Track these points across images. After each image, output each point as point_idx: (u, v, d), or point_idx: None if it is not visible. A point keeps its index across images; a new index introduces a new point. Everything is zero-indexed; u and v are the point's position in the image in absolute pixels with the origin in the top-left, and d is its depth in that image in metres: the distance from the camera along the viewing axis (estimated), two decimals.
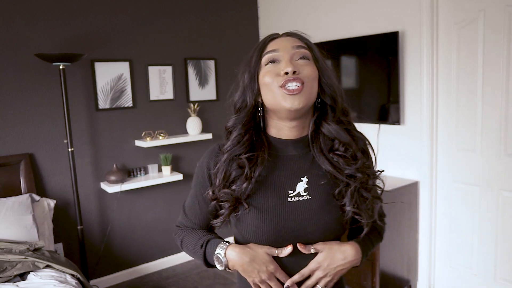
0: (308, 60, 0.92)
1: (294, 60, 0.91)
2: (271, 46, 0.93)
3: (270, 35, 0.96)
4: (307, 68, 0.91)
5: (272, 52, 0.91)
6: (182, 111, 3.46)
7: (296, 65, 0.90)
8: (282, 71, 0.89)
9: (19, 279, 2.08)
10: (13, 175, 2.71)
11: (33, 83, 2.79)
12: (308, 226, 0.92)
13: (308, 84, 0.90)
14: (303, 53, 0.92)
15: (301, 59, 0.92)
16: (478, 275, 2.61)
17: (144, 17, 3.22)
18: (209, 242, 1.01)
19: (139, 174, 3.26)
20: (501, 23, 2.32)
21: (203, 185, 1.02)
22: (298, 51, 0.92)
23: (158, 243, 3.43)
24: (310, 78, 0.90)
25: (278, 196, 0.93)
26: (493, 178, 2.48)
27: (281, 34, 0.97)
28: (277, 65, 0.91)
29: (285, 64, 0.89)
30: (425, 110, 2.69)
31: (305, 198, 0.94)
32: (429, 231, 2.79)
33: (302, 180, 0.95)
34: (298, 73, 0.89)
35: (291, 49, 0.91)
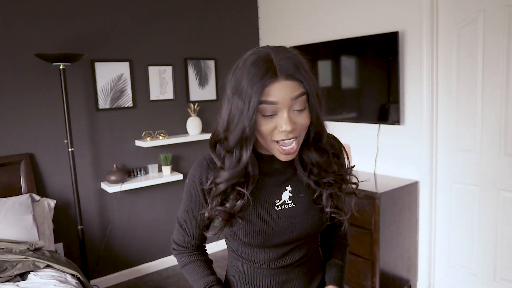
0: (305, 109, 0.91)
1: (292, 111, 0.89)
2: (271, 96, 0.87)
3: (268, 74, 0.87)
4: (303, 119, 0.91)
5: (271, 104, 0.88)
6: (182, 111, 3.46)
7: (294, 120, 0.89)
8: (280, 128, 0.89)
9: (20, 279, 2.09)
10: (13, 175, 2.71)
11: (33, 83, 2.79)
12: (294, 229, 1.02)
13: (301, 136, 0.93)
14: (301, 104, 0.90)
15: (298, 111, 0.90)
16: (478, 275, 2.61)
17: (144, 17, 3.22)
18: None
19: (139, 174, 3.26)
20: (501, 23, 2.32)
21: (197, 199, 1.05)
22: (297, 101, 0.89)
23: (158, 243, 3.43)
24: (303, 128, 0.92)
25: (266, 207, 1.01)
26: (493, 178, 2.48)
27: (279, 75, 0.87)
28: (274, 118, 0.89)
29: (284, 122, 0.88)
30: (425, 110, 2.69)
31: (290, 206, 1.03)
32: (429, 231, 2.80)
33: (286, 189, 1.03)
34: (295, 128, 0.90)
35: (290, 101, 0.88)
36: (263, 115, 0.89)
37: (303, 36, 3.44)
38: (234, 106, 0.90)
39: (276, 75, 0.87)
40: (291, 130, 0.88)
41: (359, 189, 1.13)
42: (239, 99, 0.89)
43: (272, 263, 1.06)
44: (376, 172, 3.03)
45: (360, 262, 2.66)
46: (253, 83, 0.87)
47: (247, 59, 0.91)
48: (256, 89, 0.86)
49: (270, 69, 0.87)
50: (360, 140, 3.10)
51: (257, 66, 0.88)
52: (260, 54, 0.90)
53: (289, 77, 0.87)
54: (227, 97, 0.92)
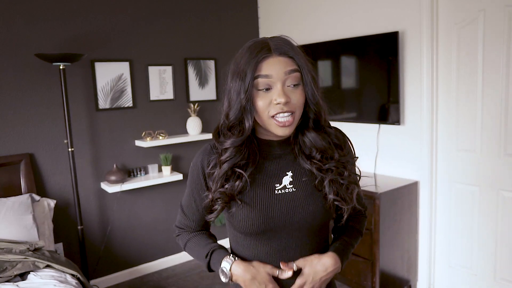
0: (298, 85, 0.96)
1: (286, 86, 0.94)
2: (264, 70, 0.93)
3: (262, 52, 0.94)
4: (297, 95, 0.95)
5: (265, 77, 0.93)
6: (182, 111, 3.46)
7: (288, 94, 0.94)
8: (275, 101, 0.94)
9: (19, 279, 2.09)
10: (13, 175, 2.71)
11: (33, 83, 2.79)
12: (294, 215, 1.02)
13: (297, 112, 0.96)
14: (294, 79, 0.95)
15: (292, 86, 0.95)
16: (478, 275, 2.61)
17: (144, 17, 3.22)
18: (213, 252, 1.09)
19: (139, 174, 3.26)
20: (501, 23, 2.32)
21: (198, 183, 1.08)
22: (290, 76, 0.94)
23: (158, 243, 3.43)
24: (299, 105, 0.96)
25: (266, 190, 1.02)
26: (493, 178, 2.48)
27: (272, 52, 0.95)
28: (269, 92, 0.95)
29: (277, 94, 0.93)
30: (425, 110, 2.69)
31: (290, 190, 1.03)
32: (429, 231, 2.80)
33: (287, 174, 1.04)
34: (289, 102, 0.94)
35: (283, 75, 0.93)
36: (258, 90, 0.94)
37: (303, 36, 3.44)
38: (233, 88, 0.96)
39: (270, 51, 0.94)
40: (285, 102, 0.93)
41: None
42: (237, 79, 0.95)
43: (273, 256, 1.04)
44: (376, 172, 3.03)
45: (360, 262, 2.66)
46: (249, 61, 0.94)
47: (245, 46, 0.99)
48: (251, 65, 0.93)
49: (265, 47, 0.95)
50: (360, 140, 3.10)
51: (253, 47, 0.96)
52: (257, 40, 0.99)
53: (282, 54, 0.94)
54: (227, 84, 0.99)
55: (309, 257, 1.04)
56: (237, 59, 0.98)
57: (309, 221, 1.02)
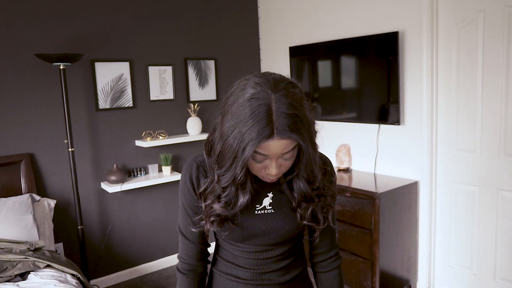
0: (293, 155, 0.96)
1: (279, 159, 0.94)
2: (262, 149, 0.90)
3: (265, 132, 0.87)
4: (289, 163, 0.97)
5: (262, 155, 0.92)
6: (182, 111, 3.46)
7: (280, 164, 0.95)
8: (267, 172, 0.96)
9: (20, 278, 2.09)
10: (13, 175, 2.71)
11: (33, 83, 2.79)
12: (271, 234, 1.08)
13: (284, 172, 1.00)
14: (289, 155, 0.95)
15: (286, 160, 0.96)
16: (478, 275, 2.61)
17: (144, 17, 3.22)
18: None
19: (139, 174, 3.26)
20: (501, 23, 2.33)
21: (190, 199, 1.09)
22: (285, 155, 0.94)
23: (158, 243, 3.43)
24: (288, 168, 0.99)
25: (247, 210, 1.06)
26: (492, 178, 2.48)
27: (275, 135, 0.88)
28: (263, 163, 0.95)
29: (271, 168, 0.94)
30: (425, 110, 2.69)
31: (269, 211, 1.08)
32: (428, 231, 2.80)
33: (268, 195, 1.08)
34: (280, 172, 0.97)
35: (280, 154, 0.93)
36: (253, 159, 0.94)
37: (303, 36, 3.44)
38: (228, 145, 0.91)
39: (272, 134, 0.87)
40: (276, 174, 0.96)
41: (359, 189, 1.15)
42: (234, 141, 0.89)
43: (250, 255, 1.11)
44: (376, 172, 3.03)
45: (360, 262, 2.67)
46: (249, 138, 0.87)
47: (247, 102, 0.88)
48: (251, 144, 0.87)
49: (268, 127, 0.86)
50: (360, 140, 3.10)
51: (255, 119, 0.86)
52: (260, 101, 0.87)
53: (284, 136, 0.88)
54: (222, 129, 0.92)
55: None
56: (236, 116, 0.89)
57: (284, 237, 1.09)
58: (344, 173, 3.09)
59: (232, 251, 1.13)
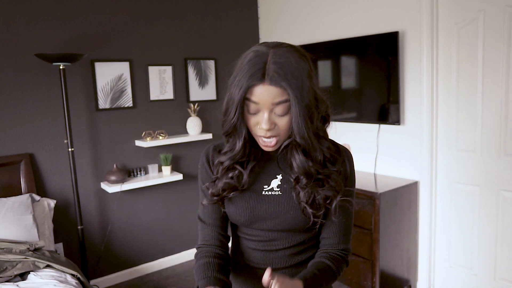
0: (286, 113, 0.96)
1: (273, 114, 0.96)
2: (254, 96, 0.94)
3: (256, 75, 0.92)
4: (284, 121, 0.97)
5: (253, 103, 0.95)
6: (182, 111, 3.46)
7: (274, 121, 0.96)
8: (259, 127, 0.97)
9: (19, 279, 2.09)
10: (13, 175, 2.71)
11: (33, 83, 2.79)
12: (276, 217, 1.06)
13: (282, 136, 0.99)
14: (282, 109, 0.95)
15: (279, 115, 0.96)
16: (478, 275, 2.61)
17: (144, 17, 3.22)
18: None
19: (139, 174, 3.26)
20: (501, 23, 2.33)
21: (206, 177, 1.13)
22: (277, 107, 0.95)
23: (158, 243, 3.43)
24: (284, 130, 0.98)
25: (254, 190, 1.08)
26: (493, 178, 2.48)
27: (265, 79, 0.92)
28: (257, 115, 0.97)
29: (263, 122, 0.96)
30: (425, 110, 2.69)
31: (276, 193, 1.07)
32: (429, 231, 2.80)
33: (277, 177, 1.08)
34: (273, 128, 0.97)
35: (271, 105, 0.94)
36: (248, 111, 0.97)
37: (303, 36, 3.44)
38: (229, 94, 0.98)
39: (263, 78, 0.92)
40: (268, 129, 0.96)
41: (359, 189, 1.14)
42: (233, 89, 0.96)
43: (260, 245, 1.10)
44: (376, 172, 3.03)
45: (360, 262, 2.66)
46: (243, 80, 0.94)
47: (248, 54, 0.97)
48: (243, 86, 0.94)
49: (260, 71, 0.92)
50: (360, 140, 3.10)
51: (250, 64, 0.94)
52: (259, 52, 0.95)
53: (273, 82, 0.92)
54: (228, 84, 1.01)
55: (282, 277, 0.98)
56: (237, 65, 0.97)
57: (290, 224, 1.06)
58: None
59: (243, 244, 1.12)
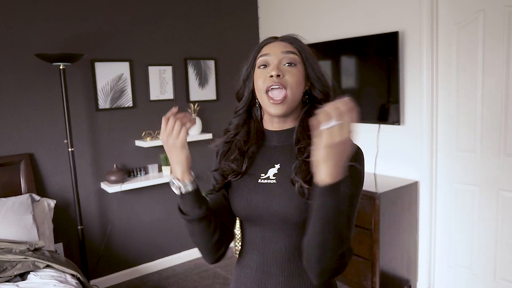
0: (295, 65, 1.04)
1: (282, 64, 1.03)
2: (264, 50, 1.06)
3: (267, 39, 1.09)
4: (292, 74, 1.03)
5: (264, 56, 1.05)
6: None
7: (282, 70, 1.02)
8: (268, 74, 1.02)
9: (19, 279, 2.09)
10: (13, 175, 2.71)
11: (33, 83, 2.79)
12: (270, 206, 1.04)
13: (291, 90, 1.02)
14: (290, 59, 1.04)
15: (288, 65, 1.03)
16: (478, 275, 2.61)
17: (144, 17, 3.22)
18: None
19: (139, 174, 3.26)
20: (501, 23, 2.33)
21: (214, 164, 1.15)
22: (286, 56, 1.04)
23: (158, 243, 3.43)
24: (293, 83, 1.02)
25: (251, 178, 1.08)
26: (492, 179, 2.48)
27: (277, 38, 1.09)
28: (267, 68, 1.04)
29: (271, 68, 1.02)
30: (425, 110, 2.69)
31: (272, 181, 1.06)
32: (429, 231, 2.80)
33: (275, 166, 1.08)
34: (282, 76, 1.01)
35: (280, 54, 1.04)
36: (258, 68, 1.05)
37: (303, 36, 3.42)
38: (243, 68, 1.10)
39: (275, 39, 1.08)
40: (277, 74, 1.00)
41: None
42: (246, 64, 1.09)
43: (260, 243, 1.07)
44: (376, 172, 3.03)
45: (360, 262, 2.66)
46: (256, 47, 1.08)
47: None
48: (257, 48, 1.07)
49: (272, 38, 1.09)
50: (360, 140, 3.09)
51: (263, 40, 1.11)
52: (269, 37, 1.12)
53: (283, 40, 1.07)
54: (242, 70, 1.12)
55: None
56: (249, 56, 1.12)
57: (284, 214, 1.01)
58: None
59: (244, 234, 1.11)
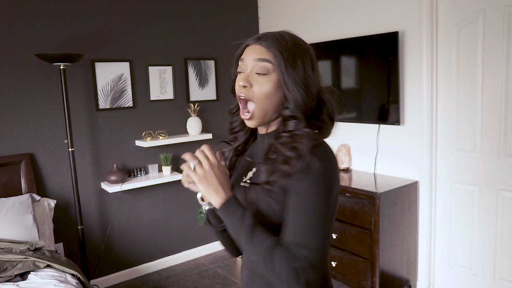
0: (266, 75, 0.96)
1: (253, 73, 0.97)
2: (244, 54, 1.01)
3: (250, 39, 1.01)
4: (261, 84, 0.96)
5: (241, 60, 1.01)
6: (182, 111, 3.46)
7: (250, 80, 0.97)
8: (237, 83, 0.99)
9: (20, 278, 2.09)
10: (13, 175, 2.71)
11: (33, 83, 2.79)
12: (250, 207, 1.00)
13: (258, 103, 0.97)
14: (261, 68, 0.96)
15: (258, 75, 0.96)
16: (478, 275, 2.61)
17: (144, 17, 3.22)
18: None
19: (139, 174, 3.26)
20: (501, 23, 2.33)
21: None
22: (257, 64, 0.96)
23: (158, 243, 3.43)
24: (260, 96, 0.96)
25: (236, 180, 1.08)
26: (492, 178, 2.48)
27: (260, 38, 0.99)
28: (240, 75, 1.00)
29: (240, 77, 0.98)
30: (425, 110, 2.69)
31: (247, 185, 1.04)
32: (428, 231, 2.80)
33: (252, 170, 1.05)
34: (249, 87, 0.96)
35: (252, 61, 0.97)
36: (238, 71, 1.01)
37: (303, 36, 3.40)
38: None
39: (257, 40, 0.99)
40: (242, 85, 0.96)
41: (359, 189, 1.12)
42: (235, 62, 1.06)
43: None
44: (376, 172, 3.03)
45: (360, 262, 2.66)
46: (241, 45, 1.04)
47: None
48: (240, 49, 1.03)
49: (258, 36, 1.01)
50: (360, 140, 3.10)
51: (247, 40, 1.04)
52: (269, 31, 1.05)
53: (261, 43, 0.98)
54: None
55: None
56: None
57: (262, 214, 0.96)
58: (344, 173, 3.09)
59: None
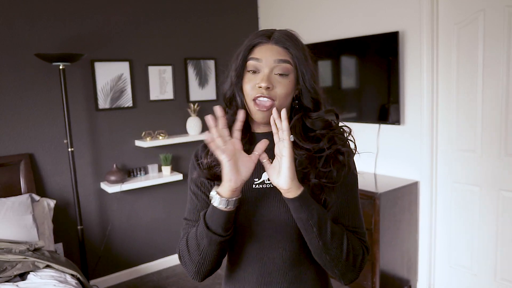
0: (287, 75, 0.96)
1: (273, 74, 0.96)
2: (256, 54, 0.97)
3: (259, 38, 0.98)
4: (283, 85, 0.96)
5: (255, 60, 0.97)
6: (182, 111, 3.46)
7: (272, 81, 0.95)
8: (257, 84, 0.95)
9: (19, 279, 2.09)
10: (13, 175, 2.71)
11: (33, 83, 2.79)
12: (269, 212, 0.98)
13: (279, 101, 0.96)
14: (283, 69, 0.96)
15: (279, 75, 0.96)
16: (478, 275, 2.61)
17: (144, 17, 3.22)
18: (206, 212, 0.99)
19: (139, 174, 3.26)
20: (501, 23, 2.32)
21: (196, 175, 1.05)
22: (279, 65, 0.96)
23: (158, 243, 3.43)
24: (282, 95, 0.96)
25: (245, 184, 0.97)
26: (493, 178, 2.48)
27: (270, 39, 0.98)
28: (256, 75, 0.97)
29: (261, 78, 0.95)
30: (425, 110, 2.69)
31: (268, 186, 1.00)
32: (429, 231, 2.79)
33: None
34: (271, 89, 0.95)
35: (273, 62, 0.95)
36: (247, 71, 0.98)
37: (303, 36, 3.40)
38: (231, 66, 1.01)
39: (268, 39, 0.98)
40: (266, 87, 0.93)
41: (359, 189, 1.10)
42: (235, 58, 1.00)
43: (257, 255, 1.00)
44: (376, 172, 3.03)
45: None
46: (247, 43, 0.99)
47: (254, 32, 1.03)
48: (247, 47, 0.98)
49: (266, 35, 0.99)
50: (360, 140, 3.09)
51: (258, 33, 1.00)
52: (266, 29, 1.02)
53: (277, 43, 0.97)
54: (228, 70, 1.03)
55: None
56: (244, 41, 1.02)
57: (283, 220, 0.97)
58: None
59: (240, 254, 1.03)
